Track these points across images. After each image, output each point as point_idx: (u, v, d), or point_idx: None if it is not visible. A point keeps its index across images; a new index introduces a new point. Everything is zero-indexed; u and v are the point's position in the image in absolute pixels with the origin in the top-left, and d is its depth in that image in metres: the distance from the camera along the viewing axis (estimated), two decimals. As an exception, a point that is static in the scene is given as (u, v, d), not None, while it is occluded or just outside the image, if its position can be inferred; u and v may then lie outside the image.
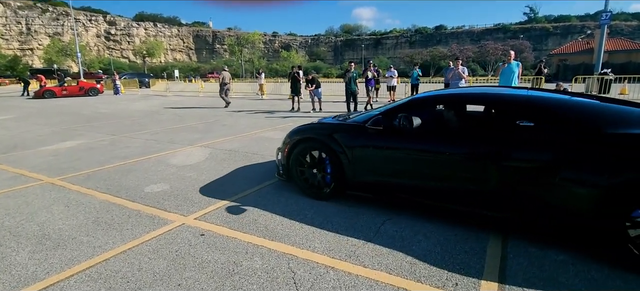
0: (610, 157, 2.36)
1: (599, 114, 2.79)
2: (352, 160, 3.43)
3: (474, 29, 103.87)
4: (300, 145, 3.82)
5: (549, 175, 2.51)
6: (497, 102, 3.34)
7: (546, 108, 2.93)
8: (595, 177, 2.36)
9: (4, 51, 75.21)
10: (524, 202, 2.67)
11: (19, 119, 11.26)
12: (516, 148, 2.71)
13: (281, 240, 2.86)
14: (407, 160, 3.24)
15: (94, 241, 2.88)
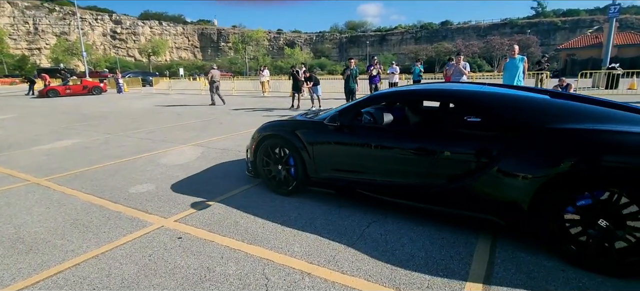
0: (546, 151, 2.37)
1: (541, 109, 2.75)
2: (312, 157, 3.51)
3: (480, 24, 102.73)
4: (266, 141, 3.87)
5: (492, 170, 2.52)
6: (448, 98, 3.38)
7: (491, 104, 2.89)
8: (531, 172, 2.37)
9: (12, 51, 76.20)
10: (471, 197, 2.67)
11: (19, 118, 11.30)
12: (463, 144, 2.76)
13: (260, 244, 2.75)
14: (362, 156, 3.28)
15: (67, 245, 2.80)
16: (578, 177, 2.26)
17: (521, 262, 2.40)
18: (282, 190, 3.79)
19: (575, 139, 2.32)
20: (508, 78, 7.42)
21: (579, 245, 2.31)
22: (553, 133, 2.41)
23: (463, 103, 3.17)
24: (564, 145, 2.33)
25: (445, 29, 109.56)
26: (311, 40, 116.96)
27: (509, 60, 7.48)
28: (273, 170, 3.88)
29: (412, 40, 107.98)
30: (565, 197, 2.31)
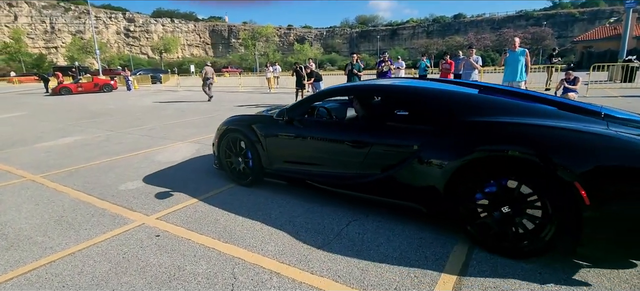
0: (458, 141, 2.52)
1: (460, 103, 2.83)
2: (266, 150, 3.71)
3: (494, 17, 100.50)
4: (228, 135, 4.07)
5: (416, 160, 2.67)
6: (381, 93, 3.59)
7: (416, 99, 3.06)
8: (446, 160, 2.52)
9: (30, 50, 78.31)
10: (400, 186, 2.81)
11: (29, 116, 11.59)
12: (392, 136, 2.93)
13: (235, 242, 2.74)
14: (308, 149, 3.48)
15: (48, 242, 2.84)
16: (485, 166, 2.41)
17: (498, 265, 2.32)
18: (243, 181, 4.01)
19: (483, 131, 2.49)
20: (510, 72, 7.18)
21: (484, 228, 2.47)
22: (466, 125, 2.57)
23: (394, 98, 3.38)
24: (474, 136, 2.48)
25: (457, 22, 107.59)
26: (321, 36, 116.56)
27: (510, 54, 7.25)
28: (234, 162, 4.08)
29: (423, 34, 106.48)
30: (474, 184, 2.47)
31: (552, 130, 2.28)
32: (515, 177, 2.32)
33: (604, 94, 12.21)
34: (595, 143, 2.13)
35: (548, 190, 2.20)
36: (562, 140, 2.19)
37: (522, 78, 7.12)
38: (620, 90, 13.41)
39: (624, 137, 2.12)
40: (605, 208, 2.02)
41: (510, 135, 2.37)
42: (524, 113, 2.58)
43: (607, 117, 2.55)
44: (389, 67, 12.60)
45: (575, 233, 2.12)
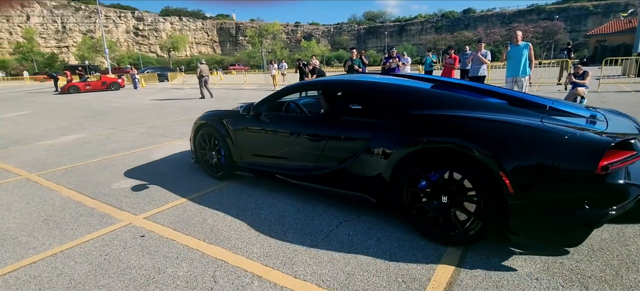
0: (403, 133, 2.60)
1: (409, 97, 2.90)
2: (235, 143, 3.85)
3: (505, 11, 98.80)
4: (202, 129, 4.22)
5: (366, 151, 2.77)
6: (338, 88, 3.67)
7: (368, 93, 3.14)
8: (391, 151, 2.61)
9: (42, 49, 79.65)
10: (352, 177, 2.89)
11: (35, 114, 11.71)
12: (345, 129, 3.00)
13: (220, 243, 2.65)
14: (272, 143, 3.60)
15: (32, 242, 2.80)
16: (424, 156, 2.50)
17: (492, 269, 2.19)
18: (215, 174, 4.15)
19: (423, 123, 2.58)
20: (512, 67, 6.93)
21: (423, 216, 2.57)
22: (410, 118, 2.66)
23: (349, 93, 3.47)
24: (415, 128, 2.57)
25: (467, 17, 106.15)
26: (329, 32, 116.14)
27: (511, 47, 6.99)
28: (208, 156, 4.21)
29: (432, 29, 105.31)
30: (416, 174, 2.55)
31: (483, 122, 2.37)
32: (450, 168, 2.40)
33: (617, 89, 11.83)
34: (519, 135, 2.21)
35: (478, 179, 2.27)
36: (489, 132, 2.29)
37: (525, 73, 6.87)
38: (633, 84, 12.99)
39: (550, 128, 2.17)
40: (528, 196, 2.10)
41: (444, 127, 2.48)
42: (465, 106, 2.64)
43: (552, 109, 2.61)
44: (397, 64, 12.20)
45: (504, 220, 2.20)
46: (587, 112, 2.74)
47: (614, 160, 1.96)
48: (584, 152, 1.99)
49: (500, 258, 2.30)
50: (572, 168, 2.00)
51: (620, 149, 2.05)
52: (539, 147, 2.11)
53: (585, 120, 2.50)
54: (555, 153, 2.05)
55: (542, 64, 21.14)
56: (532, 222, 2.15)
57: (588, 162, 1.95)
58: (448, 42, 62.49)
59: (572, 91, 8.84)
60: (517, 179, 2.09)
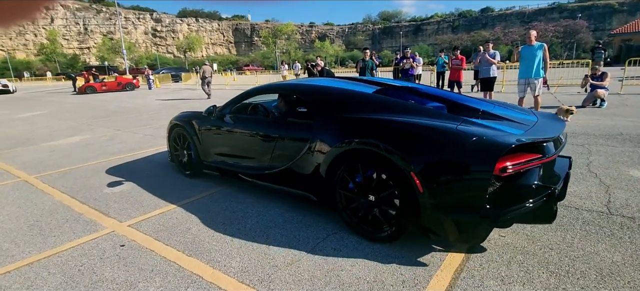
0: (336, 135, 2.73)
1: (345, 100, 3.03)
2: (201, 143, 4.08)
3: (524, 10, 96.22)
4: (174, 129, 4.45)
5: (307, 151, 2.92)
6: (287, 91, 3.80)
7: (311, 97, 3.24)
8: (326, 151, 2.74)
9: (65, 50, 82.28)
10: (297, 176, 3.05)
11: (49, 114, 11.97)
12: (291, 130, 3.20)
13: (199, 256, 2.53)
14: (232, 143, 3.81)
15: (13, 249, 2.74)
16: (354, 157, 2.63)
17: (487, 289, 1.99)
18: (186, 171, 4.38)
19: (354, 125, 2.72)
20: (525, 68, 6.57)
21: (354, 214, 2.70)
22: (343, 120, 2.80)
23: (296, 97, 3.60)
24: (347, 130, 2.70)
25: (485, 16, 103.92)
26: (343, 33, 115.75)
27: (525, 48, 6.61)
28: (180, 155, 4.43)
29: (449, 29, 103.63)
30: (346, 174, 2.69)
31: (399, 125, 2.53)
32: (373, 168, 2.53)
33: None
34: (429, 137, 2.37)
35: (395, 179, 2.39)
36: (403, 134, 2.46)
37: (538, 75, 6.49)
38: (660, 86, 12.28)
39: (459, 131, 2.29)
40: (436, 195, 2.21)
41: (366, 129, 2.63)
42: (395, 110, 2.73)
43: (485, 113, 2.77)
44: (412, 65, 11.80)
45: (418, 217, 2.32)
46: (522, 115, 2.83)
47: (512, 162, 2.07)
48: (484, 153, 2.09)
49: (497, 278, 2.10)
50: (474, 169, 2.12)
51: (523, 152, 2.17)
52: (446, 149, 2.27)
53: (508, 124, 2.56)
54: (460, 155, 2.18)
55: (563, 64, 20.39)
56: (440, 220, 2.26)
57: (486, 163, 2.06)
58: (464, 42, 61.30)
59: (591, 94, 8.40)
60: (426, 179, 2.20)
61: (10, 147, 6.77)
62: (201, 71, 15.38)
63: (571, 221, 2.79)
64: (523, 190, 2.23)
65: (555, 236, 2.57)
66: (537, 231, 2.64)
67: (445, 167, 2.21)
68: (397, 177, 2.37)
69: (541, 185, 2.24)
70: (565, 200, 3.14)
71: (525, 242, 2.51)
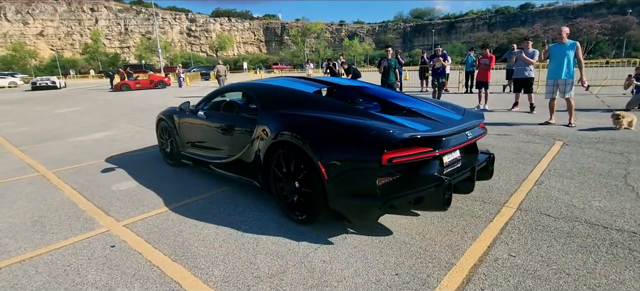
0: (271, 128, 3.00)
1: (284, 98, 3.39)
2: (179, 135, 4.56)
3: (569, 5, 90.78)
4: (160, 123, 4.97)
5: (252, 143, 3.28)
6: (245, 89, 4.04)
7: (257, 95, 3.55)
8: (264, 143, 3.07)
9: (108, 49, 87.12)
10: (246, 165, 3.39)
11: (84, 111, 12.58)
12: (241, 123, 3.58)
13: (184, 262, 2.45)
14: (201, 135, 4.22)
15: (11, 244, 2.79)
16: (279, 148, 2.95)
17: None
18: (169, 161, 4.88)
19: (283, 120, 2.99)
20: (554, 68, 6.02)
21: (283, 197, 3.03)
22: (277, 115, 3.10)
23: (249, 95, 3.89)
24: (279, 124, 2.97)
25: (524, 12, 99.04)
26: (374, 31, 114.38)
27: (552, 46, 6.05)
28: (165, 146, 4.92)
29: (484, 26, 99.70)
30: (277, 162, 2.98)
31: (314, 120, 2.85)
32: (295, 158, 2.80)
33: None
34: (334, 131, 2.67)
35: (309, 167, 2.66)
36: (315, 128, 2.77)
37: (569, 75, 5.93)
38: None
39: (360, 125, 2.59)
40: (337, 182, 2.52)
41: (290, 124, 2.91)
42: (320, 107, 3.06)
43: (409, 111, 3.00)
44: (443, 64, 11.18)
45: (326, 201, 2.61)
46: (447, 114, 3.03)
47: (398, 154, 2.34)
48: (374, 146, 2.37)
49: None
50: (365, 159, 2.42)
51: (414, 146, 2.42)
52: (345, 141, 2.56)
53: (421, 121, 2.76)
54: (355, 146, 2.49)
55: (609, 63, 18.90)
56: (342, 203, 2.57)
57: (375, 154, 2.34)
58: (500, 40, 58.61)
59: (637, 96, 7.64)
60: (329, 167, 2.51)
61: (40, 141, 7.13)
62: (216, 70, 16.16)
63: (596, 243, 2.45)
64: (412, 179, 2.52)
65: (574, 259, 2.26)
66: (554, 253, 2.34)
67: (344, 156, 2.50)
68: (310, 166, 2.66)
69: (431, 175, 2.47)
70: (591, 216, 2.81)
71: (539, 264, 2.22)
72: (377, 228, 2.79)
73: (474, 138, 2.86)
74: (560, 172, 3.97)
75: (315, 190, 2.67)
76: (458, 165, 2.82)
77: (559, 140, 5.38)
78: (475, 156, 3.08)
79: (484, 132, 3.11)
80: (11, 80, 36.21)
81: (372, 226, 2.77)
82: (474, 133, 2.88)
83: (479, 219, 2.90)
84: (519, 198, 3.28)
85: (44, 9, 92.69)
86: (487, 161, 3.08)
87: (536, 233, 2.62)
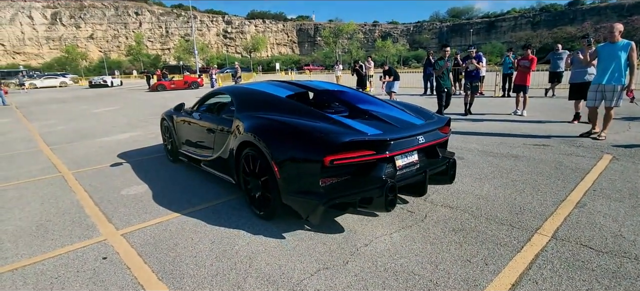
0: (243, 129, 3.19)
1: (255, 100, 3.63)
2: (176, 133, 4.91)
3: (623, 2, 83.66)
4: (163, 122, 5.35)
5: (228, 142, 3.52)
6: (229, 93, 4.11)
7: (234, 96, 3.85)
8: (235, 141, 3.30)
9: (150, 51, 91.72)
10: (225, 163, 3.60)
11: (118, 110, 13.10)
12: (221, 123, 3.79)
13: (169, 281, 2.28)
14: (192, 134, 4.48)
15: (11, 250, 2.77)
16: (244, 147, 3.16)
17: None
18: (170, 157, 5.23)
19: (250, 121, 3.17)
20: (601, 71, 5.27)
21: (248, 193, 3.24)
22: (248, 117, 3.29)
23: (230, 97, 4.01)
24: (247, 125, 3.15)
25: (573, 10, 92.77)
26: (408, 31, 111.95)
27: (601, 46, 5.29)
28: (167, 143, 5.30)
29: (528, 25, 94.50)
30: (244, 160, 3.16)
31: (271, 122, 3.04)
32: (257, 156, 2.96)
33: None
34: (285, 132, 2.84)
35: (267, 166, 2.82)
36: (270, 130, 2.95)
37: (619, 81, 5.15)
38: None
39: (310, 128, 2.74)
40: (288, 180, 2.69)
41: (253, 125, 3.09)
42: (283, 110, 3.24)
43: (370, 115, 3.15)
44: (477, 67, 10.27)
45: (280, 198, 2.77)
46: (408, 118, 3.16)
47: (340, 156, 2.48)
48: (318, 147, 2.53)
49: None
50: (310, 159, 2.56)
51: (357, 148, 2.53)
52: (296, 142, 2.71)
53: (376, 124, 2.89)
54: (302, 147, 2.65)
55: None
56: (291, 200, 2.71)
57: (317, 155, 2.50)
58: (544, 40, 55.16)
59: None
60: (281, 167, 2.69)
61: (70, 140, 7.41)
62: (235, 70, 17.14)
63: (651, 290, 2.00)
64: (358, 181, 2.64)
65: (622, 311, 1.84)
66: (594, 299, 1.93)
67: (293, 156, 2.67)
68: (267, 164, 2.81)
69: (375, 177, 2.61)
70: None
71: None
72: (385, 252, 2.49)
73: (429, 143, 2.93)
74: (607, 192, 3.44)
75: (272, 187, 2.83)
76: (415, 168, 2.91)
77: (608, 154, 4.75)
78: (437, 160, 3.14)
79: (444, 137, 3.17)
80: (62, 80, 39.00)
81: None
82: (429, 137, 2.94)
83: (504, 248, 2.51)
84: (555, 224, 2.84)
85: (94, 14, 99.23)
86: (447, 165, 3.14)
87: (573, 271, 2.20)
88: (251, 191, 3.18)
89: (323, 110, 3.64)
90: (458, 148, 5.35)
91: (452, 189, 3.67)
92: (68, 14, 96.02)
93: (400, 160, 2.81)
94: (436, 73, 8.04)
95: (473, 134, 6.41)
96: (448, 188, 3.68)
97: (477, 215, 3.06)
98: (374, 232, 2.81)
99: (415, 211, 3.18)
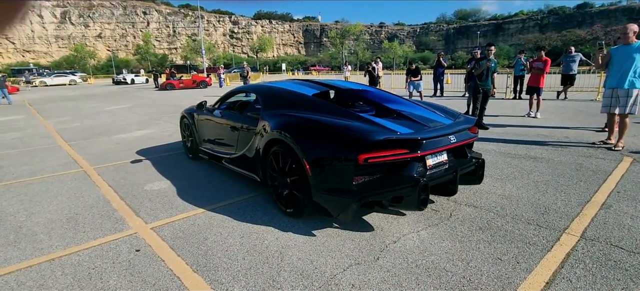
0: (270, 126, 3.19)
1: (281, 98, 3.65)
2: (198, 131, 4.96)
3: (634, 5, 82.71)
4: (182, 120, 5.44)
5: (255, 139, 3.50)
6: (253, 91, 4.16)
7: (258, 94, 3.89)
8: (260, 142, 3.36)
9: (157, 50, 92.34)
10: (251, 160, 3.61)
11: (130, 108, 13.23)
12: (247, 121, 3.79)
13: (204, 274, 2.33)
14: (214, 131, 4.53)
15: (45, 241, 2.84)
16: (273, 145, 3.16)
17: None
18: (190, 155, 5.26)
19: (280, 119, 3.17)
20: (614, 74, 5.02)
21: (276, 190, 3.22)
22: (276, 115, 3.31)
23: (255, 95, 4.06)
24: (276, 123, 3.15)
25: (581, 13, 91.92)
26: (414, 33, 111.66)
27: (615, 49, 5.08)
28: (186, 140, 5.36)
29: (535, 28, 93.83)
30: (273, 157, 3.17)
31: (302, 120, 3.05)
32: (287, 154, 2.97)
33: None
34: (318, 130, 2.87)
35: (298, 163, 2.83)
36: (301, 128, 2.96)
37: (633, 85, 4.86)
38: None
39: (344, 127, 2.76)
40: (320, 178, 2.69)
41: (283, 123, 3.10)
42: (313, 109, 3.25)
43: (399, 115, 3.25)
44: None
45: (311, 196, 2.78)
46: (439, 119, 3.19)
47: (374, 155, 2.50)
48: (351, 146, 2.54)
49: None
50: (343, 157, 2.57)
51: (390, 147, 2.55)
52: (327, 141, 2.72)
53: (407, 124, 2.94)
54: (335, 146, 2.64)
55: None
56: (322, 198, 2.72)
57: (352, 153, 2.51)
58: (553, 42, 54.75)
59: None
60: (313, 165, 2.71)
61: (87, 137, 7.51)
62: (243, 70, 17.65)
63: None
64: (391, 179, 2.65)
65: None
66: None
67: (326, 155, 2.68)
68: (298, 162, 2.83)
69: (409, 176, 2.62)
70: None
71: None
72: (414, 249, 2.51)
73: (460, 142, 2.93)
74: (632, 194, 3.43)
75: (302, 185, 2.84)
76: (444, 168, 2.92)
77: (629, 156, 4.73)
78: (465, 160, 3.14)
79: (473, 137, 3.16)
80: (72, 78, 39.45)
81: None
82: (460, 137, 2.95)
83: (534, 247, 2.52)
84: (582, 224, 2.84)
85: (103, 13, 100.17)
86: (476, 165, 3.15)
87: (607, 270, 2.21)
88: (278, 189, 3.19)
89: (349, 108, 3.67)
90: (475, 149, 5.34)
91: (474, 189, 3.68)
92: (77, 13, 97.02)
93: (431, 160, 2.83)
94: (476, 73, 7.22)
95: (488, 135, 6.40)
96: (470, 188, 3.69)
97: (503, 214, 3.07)
98: (401, 230, 2.83)
99: (440, 209, 3.20)
